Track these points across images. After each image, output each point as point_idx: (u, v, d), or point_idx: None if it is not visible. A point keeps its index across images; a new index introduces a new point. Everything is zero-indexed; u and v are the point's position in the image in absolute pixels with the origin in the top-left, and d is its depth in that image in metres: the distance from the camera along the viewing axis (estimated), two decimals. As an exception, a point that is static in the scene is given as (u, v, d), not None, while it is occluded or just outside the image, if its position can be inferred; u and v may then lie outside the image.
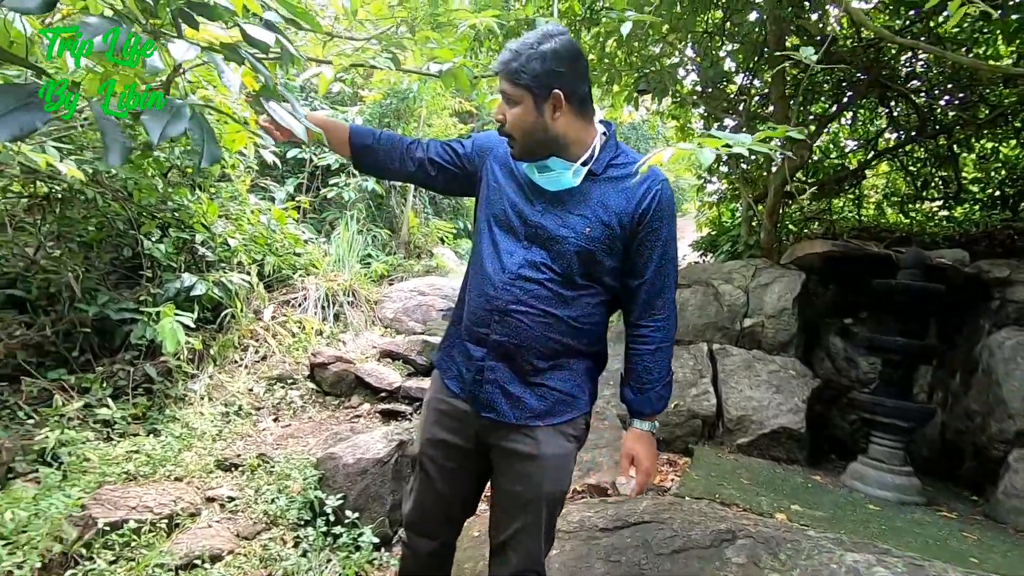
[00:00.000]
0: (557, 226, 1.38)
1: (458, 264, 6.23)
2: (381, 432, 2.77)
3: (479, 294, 1.44)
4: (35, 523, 2.10)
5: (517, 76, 1.30)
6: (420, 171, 1.57)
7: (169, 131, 0.74)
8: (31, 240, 3.56)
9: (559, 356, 1.42)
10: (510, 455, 1.44)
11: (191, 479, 2.56)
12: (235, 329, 3.76)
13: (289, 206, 4.63)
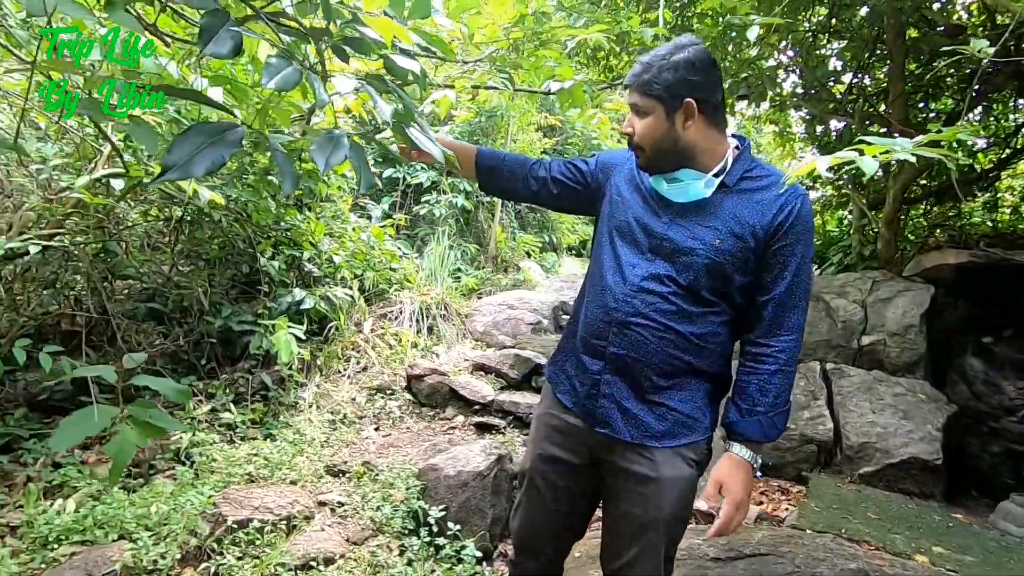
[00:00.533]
0: (685, 238, 1.33)
1: (544, 278, 6.24)
2: (480, 446, 2.79)
3: (598, 306, 1.41)
4: (174, 517, 2.29)
5: (648, 87, 1.28)
6: (543, 190, 1.59)
7: (332, 160, 0.78)
8: (166, 258, 3.97)
9: (680, 375, 1.36)
10: (626, 475, 1.39)
11: (304, 483, 2.70)
12: (339, 341, 3.96)
13: (387, 224, 4.85)
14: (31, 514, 2.34)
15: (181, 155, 0.69)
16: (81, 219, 3.00)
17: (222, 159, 0.71)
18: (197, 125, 0.71)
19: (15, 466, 2.68)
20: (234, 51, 0.70)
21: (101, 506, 2.36)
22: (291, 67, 0.75)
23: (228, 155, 0.72)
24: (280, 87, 0.73)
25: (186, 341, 3.49)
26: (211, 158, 0.70)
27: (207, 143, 0.70)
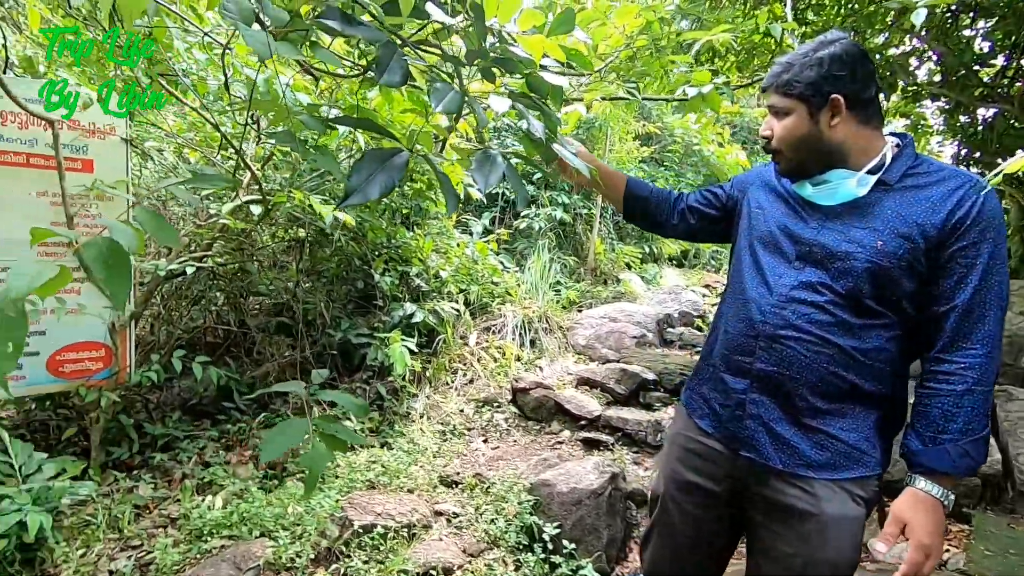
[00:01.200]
0: (839, 242, 1.22)
1: (646, 290, 6.06)
2: (592, 463, 2.73)
3: (740, 320, 1.32)
4: (306, 518, 2.44)
5: (789, 87, 1.20)
6: (682, 223, 1.60)
7: (491, 180, 0.80)
8: (290, 276, 4.31)
9: (842, 398, 1.22)
10: (781, 510, 1.26)
11: (420, 492, 2.78)
12: (446, 353, 4.08)
13: (490, 239, 4.96)
14: (187, 508, 2.61)
15: (359, 180, 0.73)
16: (225, 242, 3.32)
17: (392, 182, 0.74)
18: (370, 152, 0.75)
19: (173, 464, 3.00)
20: (404, 79, 0.74)
21: (244, 504, 2.58)
22: (453, 91, 0.77)
23: (397, 178, 0.75)
24: (446, 110, 0.75)
25: (311, 352, 3.75)
26: (383, 181, 0.74)
27: (379, 168, 0.73)
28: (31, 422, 3.09)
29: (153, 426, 3.12)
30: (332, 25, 0.74)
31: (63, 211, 2.65)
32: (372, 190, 0.72)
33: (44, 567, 2.23)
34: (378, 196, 0.73)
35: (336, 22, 0.74)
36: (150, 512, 2.66)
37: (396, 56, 0.75)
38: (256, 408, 3.54)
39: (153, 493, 2.76)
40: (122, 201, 2.82)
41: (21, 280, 0.56)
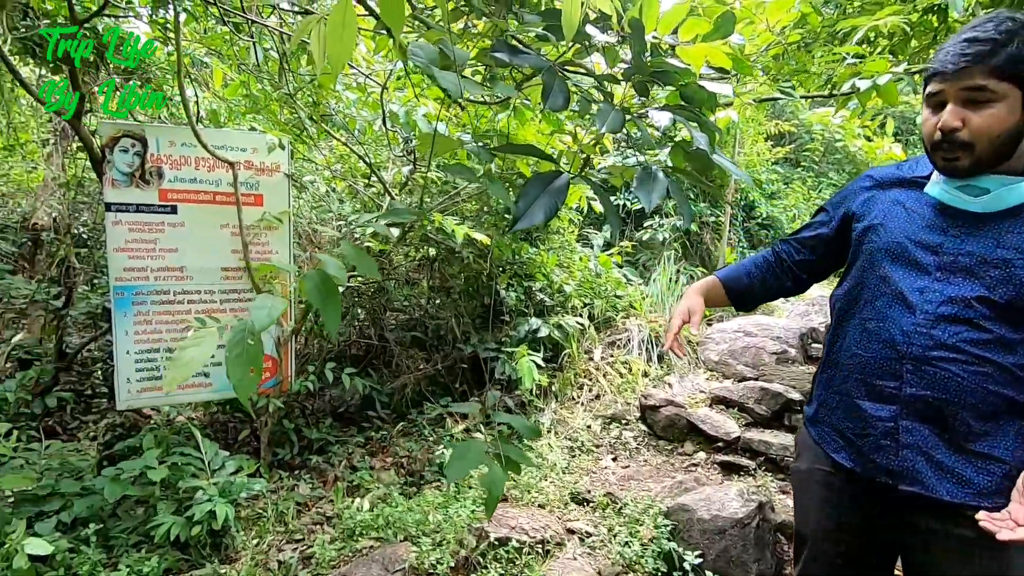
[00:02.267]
0: (992, 248, 1.08)
1: (782, 301, 5.58)
2: (735, 489, 2.54)
3: (877, 342, 1.18)
4: (445, 526, 2.54)
5: (1010, 65, 1.02)
6: (796, 282, 1.50)
7: (655, 197, 0.78)
8: (421, 292, 4.58)
9: (1000, 416, 1.08)
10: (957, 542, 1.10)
11: (552, 508, 2.77)
12: (571, 368, 4.06)
13: (613, 251, 4.89)
14: (339, 508, 2.84)
15: (524, 205, 0.75)
16: (369, 263, 3.60)
17: (556, 205, 0.75)
18: (534, 177, 0.77)
19: (326, 466, 3.29)
20: (566, 103, 0.75)
21: (388, 508, 2.75)
22: (615, 111, 0.77)
23: (561, 201, 0.76)
24: (611, 130, 0.75)
25: (443, 366, 3.94)
26: (547, 205, 0.75)
27: (543, 193, 0.75)
28: (213, 423, 3.57)
29: (310, 430, 3.45)
30: (502, 57, 0.77)
31: (240, 240, 3.07)
32: (538, 214, 0.73)
33: (227, 552, 2.54)
34: (543, 220, 0.75)
35: (505, 54, 0.78)
36: (309, 509, 2.93)
37: (558, 81, 0.76)
38: (395, 417, 3.78)
39: (311, 492, 3.05)
40: (286, 229, 3.18)
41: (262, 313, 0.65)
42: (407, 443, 3.43)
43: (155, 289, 2.93)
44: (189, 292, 3.01)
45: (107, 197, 2.81)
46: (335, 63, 0.63)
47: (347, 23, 0.61)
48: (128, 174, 2.83)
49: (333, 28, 0.61)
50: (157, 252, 2.93)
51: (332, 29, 0.61)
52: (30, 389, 3.87)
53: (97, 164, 2.76)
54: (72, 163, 4.93)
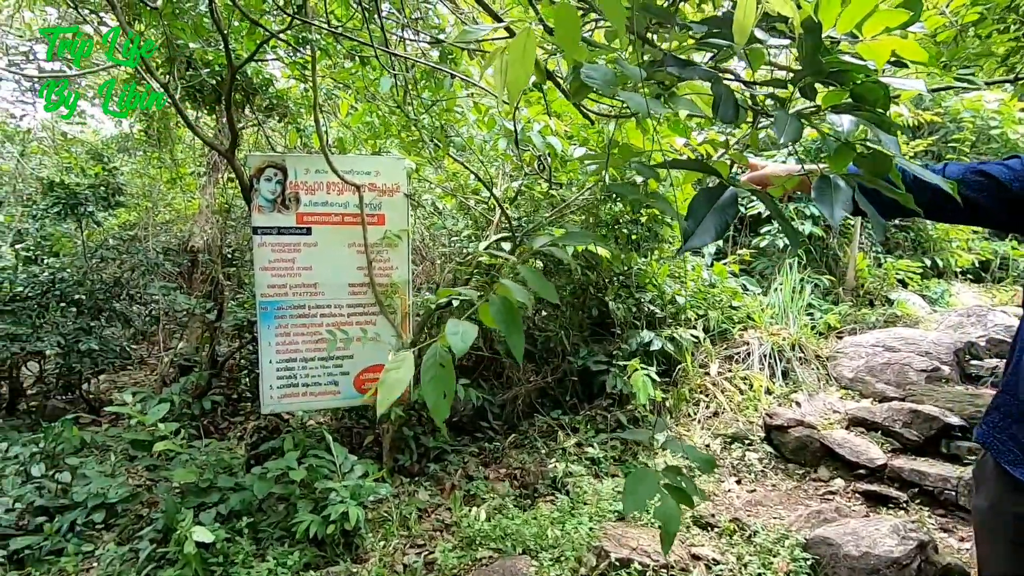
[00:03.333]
0: None
1: (929, 311, 4.96)
2: (888, 525, 2.27)
3: None
4: (563, 542, 2.51)
5: None
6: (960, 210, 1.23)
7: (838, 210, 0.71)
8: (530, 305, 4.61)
9: None
10: None
11: (673, 531, 2.64)
12: (686, 383, 3.88)
13: (729, 260, 4.63)
14: (458, 516, 2.91)
15: (693, 224, 0.72)
16: (481, 276, 3.70)
17: (727, 221, 0.72)
18: (699, 192, 0.74)
19: (443, 474, 3.40)
20: (736, 114, 0.71)
21: (505, 520, 2.77)
22: (792, 118, 0.72)
23: (732, 216, 0.72)
24: (790, 139, 0.70)
25: (553, 378, 3.94)
26: (717, 223, 0.71)
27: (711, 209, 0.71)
28: (340, 428, 3.82)
29: (427, 439, 3.59)
30: (672, 71, 0.75)
31: (364, 258, 3.29)
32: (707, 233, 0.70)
33: (357, 552, 2.69)
34: (713, 239, 0.71)
35: (676, 67, 0.76)
36: (429, 515, 3.04)
37: (726, 92, 0.73)
38: (507, 428, 3.83)
39: (430, 499, 3.16)
40: (405, 246, 3.36)
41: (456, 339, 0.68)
42: (519, 455, 3.45)
43: (293, 304, 3.22)
44: (321, 307, 3.26)
45: (254, 222, 3.14)
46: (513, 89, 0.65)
47: (527, 52, 0.63)
48: (271, 200, 3.14)
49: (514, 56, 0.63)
50: (295, 270, 3.22)
51: (513, 57, 0.63)
52: (190, 392, 4.39)
53: (246, 192, 3.09)
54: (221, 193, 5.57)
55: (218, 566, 2.42)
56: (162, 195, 6.59)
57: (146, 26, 3.07)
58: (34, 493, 2.90)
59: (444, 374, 0.68)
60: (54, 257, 4.85)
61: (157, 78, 2.95)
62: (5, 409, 4.72)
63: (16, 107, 7.32)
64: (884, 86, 0.82)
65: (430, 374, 0.70)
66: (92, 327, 4.67)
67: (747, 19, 0.65)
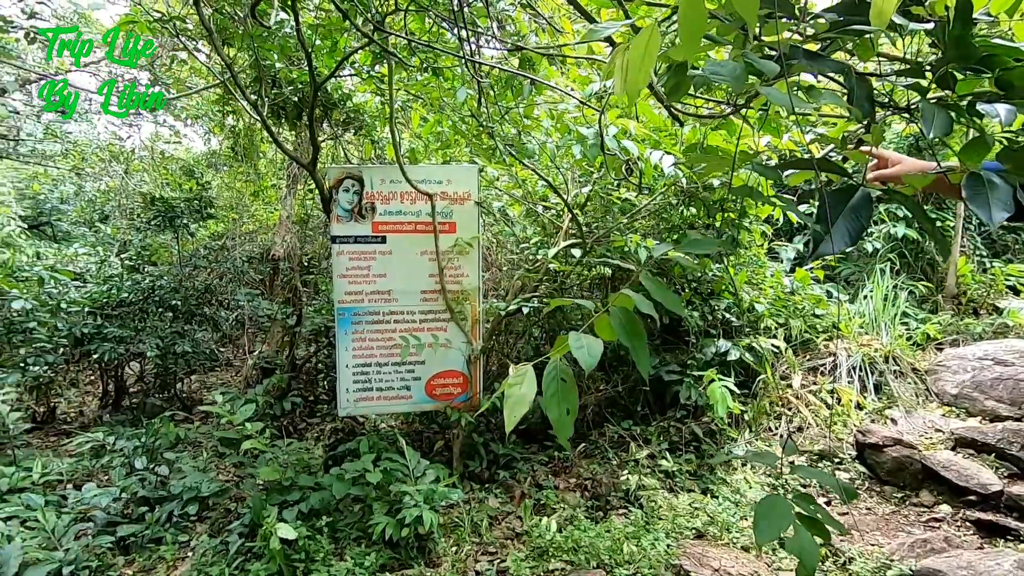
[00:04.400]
0: None
1: (1046, 321, 4.46)
2: (1011, 560, 2.04)
3: None
4: (638, 558, 2.43)
5: None
6: None
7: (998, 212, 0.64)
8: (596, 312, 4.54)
9: None
10: None
11: (757, 552, 2.50)
12: (766, 396, 3.68)
13: (815, 265, 4.37)
14: (528, 525, 2.88)
15: (824, 229, 0.66)
16: (549, 283, 3.68)
17: (861, 226, 0.66)
18: (830, 195, 0.68)
19: (513, 481, 3.38)
20: (871, 106, 0.65)
21: (577, 531, 2.71)
22: (943, 112, 0.65)
23: (866, 219, 0.66)
24: (941, 133, 0.64)
25: (624, 388, 3.84)
26: (850, 227, 0.65)
27: (841, 213, 0.66)
28: (411, 432, 3.89)
29: (496, 446, 3.59)
30: (804, 63, 0.70)
31: (436, 265, 3.34)
32: (840, 239, 0.64)
33: (430, 556, 2.72)
34: (847, 245, 0.65)
35: (804, 60, 0.71)
36: (499, 523, 3.03)
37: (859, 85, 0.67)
38: (576, 437, 3.77)
39: (500, 506, 3.15)
40: (475, 253, 3.38)
41: (583, 353, 0.67)
42: (590, 465, 3.39)
43: (369, 310, 3.31)
44: (395, 313, 3.34)
45: (333, 231, 3.26)
46: (632, 89, 0.62)
47: (649, 51, 0.60)
48: (349, 210, 3.25)
49: (635, 55, 0.60)
50: (370, 277, 3.32)
51: (635, 56, 0.60)
52: (271, 393, 4.62)
53: (326, 202, 3.22)
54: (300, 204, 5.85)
55: (300, 563, 2.51)
56: (246, 207, 7.03)
57: (237, 49, 3.27)
58: (137, 484, 3.13)
59: (566, 389, 0.66)
60: (152, 266, 5.26)
61: (247, 97, 3.13)
62: (111, 405, 5.15)
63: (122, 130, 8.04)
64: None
65: (552, 389, 0.67)
66: (186, 331, 5.02)
67: (887, 5, 0.59)
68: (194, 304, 5.20)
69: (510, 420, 0.67)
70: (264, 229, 6.82)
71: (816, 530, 0.78)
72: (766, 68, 0.66)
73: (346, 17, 2.11)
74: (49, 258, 5.22)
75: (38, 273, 4.70)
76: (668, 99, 1.03)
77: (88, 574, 2.48)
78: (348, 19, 2.08)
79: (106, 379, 5.19)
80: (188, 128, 8.04)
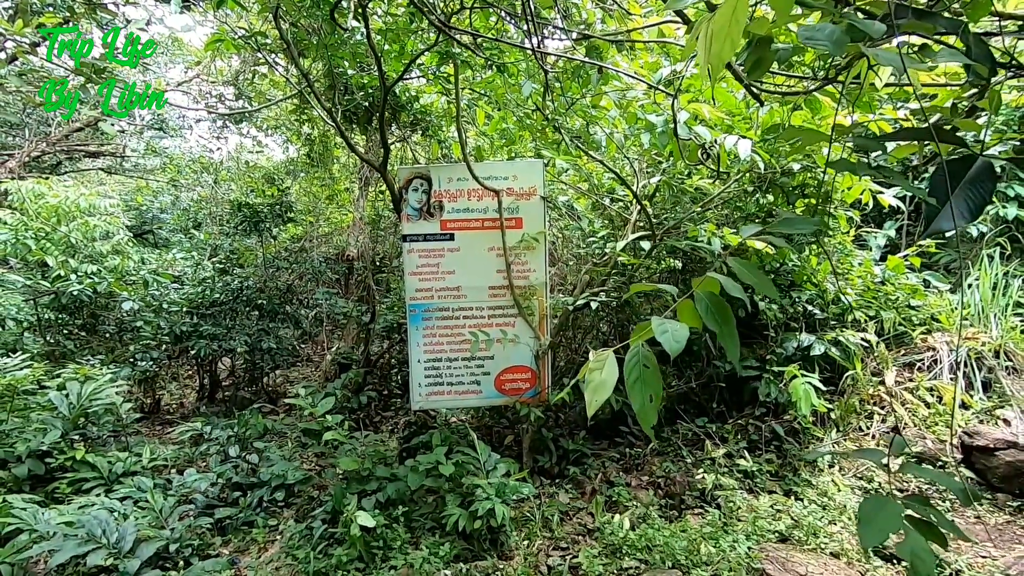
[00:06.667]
0: None
1: None
2: None
3: None
4: (717, 560, 2.34)
5: None
6: None
7: None
8: (666, 305, 4.41)
9: None
10: None
11: (848, 560, 2.34)
12: (856, 393, 3.44)
13: (910, 252, 4.02)
14: (600, 522, 2.84)
15: (940, 201, 0.61)
16: (619, 277, 3.61)
17: (984, 198, 0.59)
18: (942, 165, 0.62)
19: (583, 478, 3.35)
20: (994, 67, 0.59)
21: (651, 530, 2.65)
22: None
23: (989, 192, 0.60)
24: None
25: (697, 384, 3.71)
26: (970, 200, 0.59)
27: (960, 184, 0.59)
28: (481, 427, 3.94)
29: (566, 441, 3.57)
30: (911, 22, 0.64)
31: (504, 261, 3.36)
32: (959, 213, 0.58)
33: (502, 548, 2.74)
34: (969, 219, 0.59)
35: (911, 18, 0.65)
36: (570, 518, 3.01)
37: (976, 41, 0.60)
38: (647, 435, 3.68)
39: (571, 502, 3.13)
40: (542, 248, 3.38)
41: (668, 338, 0.65)
42: (663, 463, 3.30)
43: (439, 307, 3.39)
44: (464, 309, 3.40)
45: (404, 230, 3.36)
46: (716, 62, 0.59)
47: (737, 18, 0.57)
48: (418, 209, 3.33)
49: (720, 25, 0.57)
50: (439, 274, 3.39)
51: (719, 26, 0.57)
52: (348, 388, 4.83)
53: (396, 203, 3.31)
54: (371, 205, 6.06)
55: (379, 549, 2.60)
56: (322, 210, 7.38)
57: (312, 59, 3.43)
58: (231, 471, 3.37)
59: (650, 376, 0.64)
60: (240, 268, 5.63)
61: (322, 104, 3.28)
62: (207, 398, 5.57)
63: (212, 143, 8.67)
64: None
65: (635, 375, 0.66)
66: (270, 328, 5.34)
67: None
68: (277, 303, 5.52)
69: (592, 405, 0.66)
70: (339, 231, 7.14)
71: (931, 535, 0.71)
72: (870, 29, 0.61)
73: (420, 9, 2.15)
74: (152, 263, 5.71)
75: (143, 277, 5.15)
76: (748, 77, 0.97)
77: (191, 551, 2.69)
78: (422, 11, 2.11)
79: (202, 373, 5.62)
80: (268, 138, 8.56)
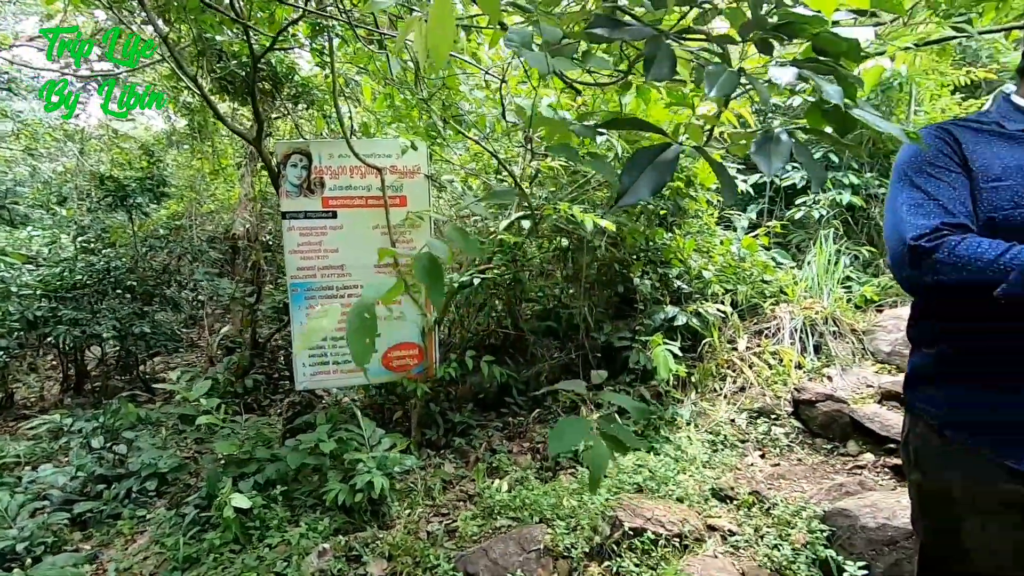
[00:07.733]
0: None
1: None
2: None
3: None
4: (579, 513, 2.56)
5: None
6: None
7: (776, 162, 0.72)
8: (554, 283, 4.64)
9: None
10: None
11: (691, 503, 2.66)
12: (712, 358, 3.84)
13: (759, 232, 4.51)
14: (481, 487, 3.00)
15: (630, 180, 0.74)
16: (502, 255, 3.74)
17: (663, 179, 0.73)
18: (639, 151, 0.75)
19: (468, 448, 3.50)
20: (671, 71, 0.72)
21: (525, 491, 2.84)
22: (727, 72, 0.72)
23: (669, 174, 0.73)
24: (721, 93, 0.70)
25: (577, 355, 3.96)
26: (654, 179, 0.73)
27: (648, 166, 0.73)
28: (372, 405, 3.96)
29: (453, 414, 3.69)
30: (600, 32, 0.76)
31: (388, 239, 3.37)
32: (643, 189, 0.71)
33: (384, 519, 2.82)
34: (649, 195, 0.72)
35: (603, 29, 0.76)
36: (453, 487, 3.14)
37: (663, 49, 0.73)
38: (531, 404, 3.90)
39: (455, 471, 3.26)
40: (427, 226, 3.43)
41: (371, 291, 0.73)
42: (543, 429, 3.51)
43: (321, 285, 3.35)
44: (348, 287, 3.38)
45: (283, 207, 3.27)
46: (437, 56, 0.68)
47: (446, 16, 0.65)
48: (297, 185, 3.26)
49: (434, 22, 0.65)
50: (322, 252, 3.34)
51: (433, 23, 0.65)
52: (233, 372, 4.65)
53: (274, 178, 3.22)
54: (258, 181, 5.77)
55: (255, 530, 2.59)
56: (206, 186, 6.90)
57: (173, 21, 3.21)
58: (95, 463, 3.16)
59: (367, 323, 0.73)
60: (111, 248, 5.18)
61: (186, 72, 3.09)
62: (73, 389, 5.12)
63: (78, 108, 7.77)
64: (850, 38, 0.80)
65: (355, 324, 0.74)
66: (145, 312, 4.99)
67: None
68: (152, 285, 5.16)
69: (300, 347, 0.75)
70: (224, 208, 6.73)
71: (614, 445, 0.88)
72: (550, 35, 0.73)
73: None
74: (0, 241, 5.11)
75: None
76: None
77: (44, 549, 2.53)
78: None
79: (66, 363, 5.15)
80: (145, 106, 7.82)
